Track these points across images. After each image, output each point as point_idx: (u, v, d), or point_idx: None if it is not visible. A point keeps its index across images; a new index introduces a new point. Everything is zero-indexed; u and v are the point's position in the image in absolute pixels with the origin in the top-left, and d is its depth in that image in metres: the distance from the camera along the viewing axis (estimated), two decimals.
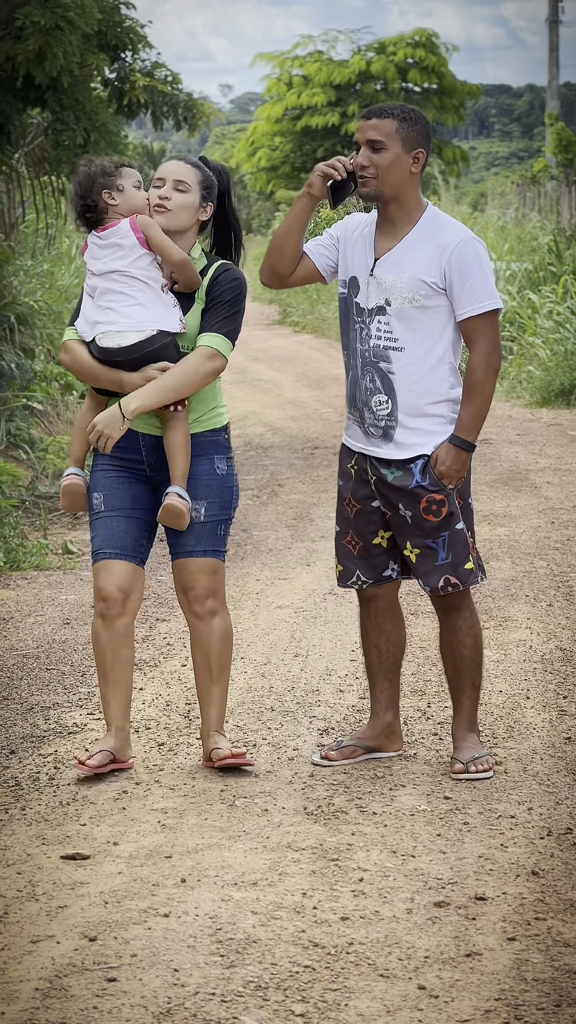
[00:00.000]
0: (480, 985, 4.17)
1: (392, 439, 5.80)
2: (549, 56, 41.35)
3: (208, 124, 15.45)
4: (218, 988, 4.12)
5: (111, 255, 5.74)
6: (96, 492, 5.88)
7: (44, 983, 4.16)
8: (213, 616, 5.89)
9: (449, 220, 5.84)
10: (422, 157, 5.76)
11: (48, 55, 12.01)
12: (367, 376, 5.83)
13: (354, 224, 5.94)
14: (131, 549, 5.86)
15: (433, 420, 5.78)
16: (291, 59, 37.58)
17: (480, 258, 5.74)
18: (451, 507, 5.80)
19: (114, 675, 5.88)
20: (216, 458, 5.87)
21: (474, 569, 5.87)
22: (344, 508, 6.01)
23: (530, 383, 18.34)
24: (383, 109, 5.77)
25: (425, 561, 5.84)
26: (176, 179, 5.77)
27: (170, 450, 5.77)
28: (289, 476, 13.23)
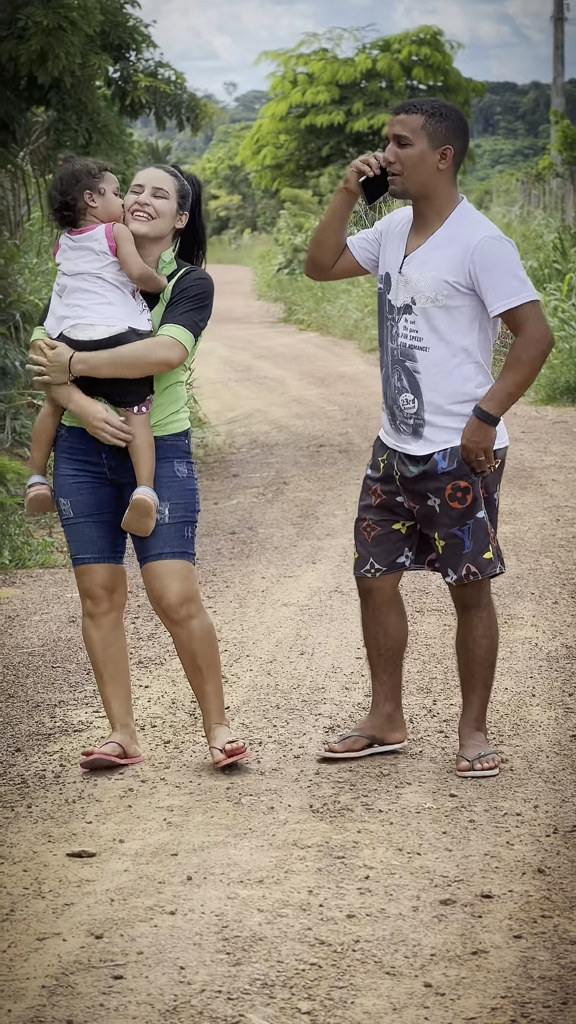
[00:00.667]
0: (486, 983, 4.17)
1: (422, 436, 5.81)
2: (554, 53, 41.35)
3: (211, 124, 15.47)
4: (224, 986, 4.12)
5: (83, 257, 5.75)
6: (63, 498, 5.89)
7: (51, 980, 4.17)
8: (190, 620, 5.85)
9: (477, 219, 5.78)
10: (450, 153, 5.71)
11: (50, 55, 12.02)
12: (396, 374, 5.84)
13: (397, 219, 5.93)
14: (108, 551, 5.91)
15: (460, 419, 5.77)
16: (296, 57, 37.60)
17: (503, 255, 5.69)
18: (475, 494, 5.80)
19: (109, 672, 5.92)
20: (176, 462, 5.85)
21: (493, 559, 5.87)
22: (368, 496, 6.00)
23: (535, 380, 18.32)
24: (412, 104, 5.75)
25: (452, 551, 5.84)
26: (155, 186, 5.78)
27: (134, 452, 5.74)
28: (294, 474, 13.23)
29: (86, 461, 5.86)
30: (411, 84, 36.33)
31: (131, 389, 5.75)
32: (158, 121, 14.80)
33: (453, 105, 5.84)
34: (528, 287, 5.70)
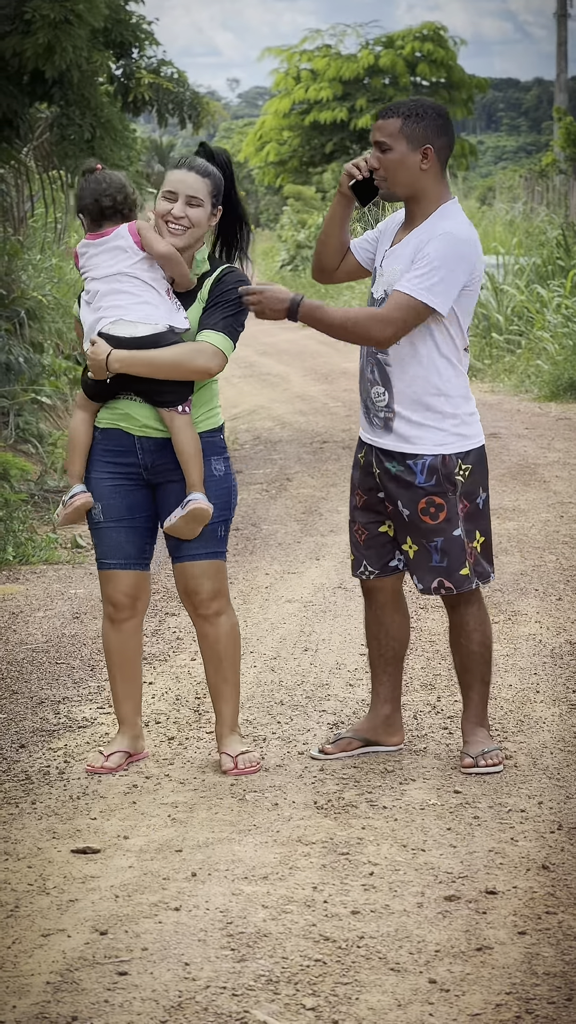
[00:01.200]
0: (491, 979, 4.17)
1: (392, 430, 5.80)
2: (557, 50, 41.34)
3: (213, 121, 15.47)
4: (229, 982, 4.12)
5: (113, 258, 5.70)
6: (95, 501, 5.84)
7: (55, 977, 4.17)
8: (219, 616, 5.88)
9: (453, 216, 5.75)
10: (431, 152, 5.69)
11: (57, 49, 12.01)
12: (369, 367, 5.85)
13: (396, 219, 5.94)
14: (135, 557, 5.86)
15: (428, 414, 5.76)
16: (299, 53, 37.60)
17: (448, 249, 5.62)
18: (450, 512, 5.79)
19: (124, 674, 5.91)
20: (213, 459, 5.81)
21: (470, 575, 5.85)
22: (353, 497, 6.03)
23: (539, 377, 18.32)
24: (390, 108, 5.74)
25: (421, 560, 5.85)
26: (189, 195, 5.65)
27: (182, 456, 5.70)
28: (298, 470, 13.22)
29: (122, 463, 5.79)
30: (415, 80, 36.33)
31: (170, 389, 5.69)
32: (160, 119, 14.80)
33: (432, 103, 5.81)
34: (436, 290, 5.60)
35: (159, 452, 5.75)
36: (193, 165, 5.70)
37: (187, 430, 5.70)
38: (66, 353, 15.53)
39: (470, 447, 5.82)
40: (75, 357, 15.24)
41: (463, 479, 5.81)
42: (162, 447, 5.74)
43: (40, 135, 14.33)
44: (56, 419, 14.07)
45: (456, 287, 5.65)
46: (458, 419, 5.79)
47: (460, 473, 5.80)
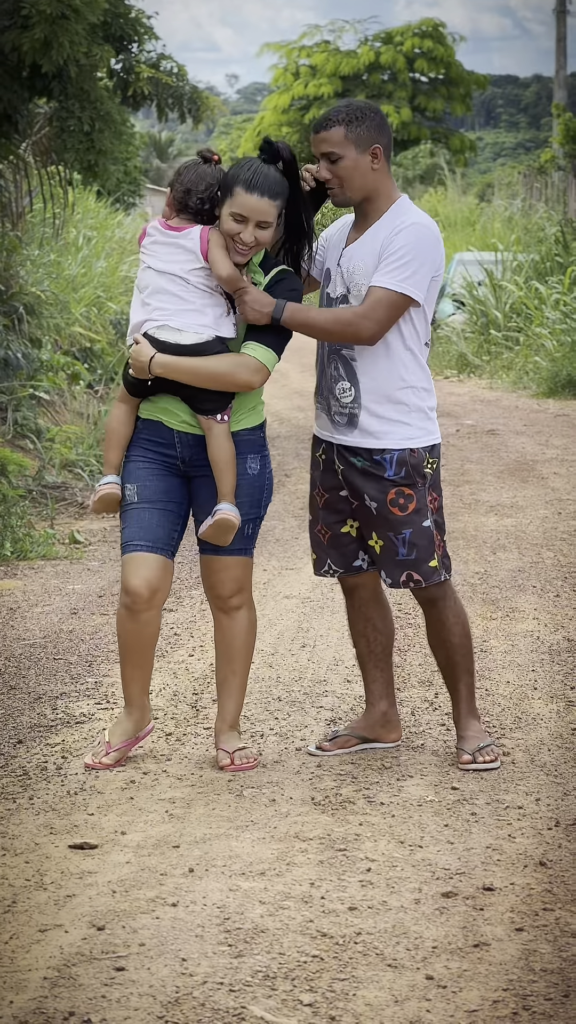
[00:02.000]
0: (488, 975, 4.17)
1: (357, 426, 5.80)
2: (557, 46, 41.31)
3: (212, 116, 15.47)
4: (226, 977, 4.12)
5: (173, 255, 5.65)
6: (129, 483, 5.79)
7: (53, 972, 4.17)
8: (239, 610, 5.88)
9: (412, 209, 5.76)
10: (379, 151, 5.71)
11: (54, 44, 11.99)
12: (332, 364, 5.84)
13: (339, 223, 5.98)
14: (163, 542, 5.78)
15: (397, 408, 5.77)
16: (298, 49, 37.59)
17: (418, 241, 5.64)
18: (419, 504, 5.80)
19: (136, 659, 5.86)
20: (249, 457, 5.79)
21: (438, 567, 5.86)
22: (315, 497, 6.03)
23: (537, 374, 18.33)
24: (327, 119, 5.72)
25: (386, 554, 5.85)
26: (260, 220, 5.56)
27: (216, 466, 5.69)
28: (296, 466, 13.23)
29: (160, 452, 5.77)
30: (413, 77, 36.32)
31: (210, 397, 5.66)
32: (159, 113, 14.80)
33: (366, 103, 5.81)
34: (411, 281, 5.62)
35: (197, 447, 5.75)
36: (266, 189, 5.57)
37: (223, 440, 5.68)
38: (64, 348, 15.53)
39: (434, 442, 5.84)
40: (73, 353, 15.23)
41: (431, 472, 5.83)
42: (200, 442, 5.74)
43: (39, 130, 14.31)
44: (54, 415, 14.07)
45: (428, 276, 5.67)
46: (423, 413, 5.80)
47: (428, 466, 5.81)
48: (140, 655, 5.85)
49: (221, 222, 5.61)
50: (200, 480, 5.78)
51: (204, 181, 5.67)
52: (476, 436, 14.85)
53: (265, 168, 5.60)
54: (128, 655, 5.86)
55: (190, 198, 5.68)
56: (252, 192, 5.55)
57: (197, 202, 5.67)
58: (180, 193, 5.70)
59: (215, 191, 5.64)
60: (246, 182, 5.56)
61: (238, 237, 5.58)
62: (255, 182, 5.56)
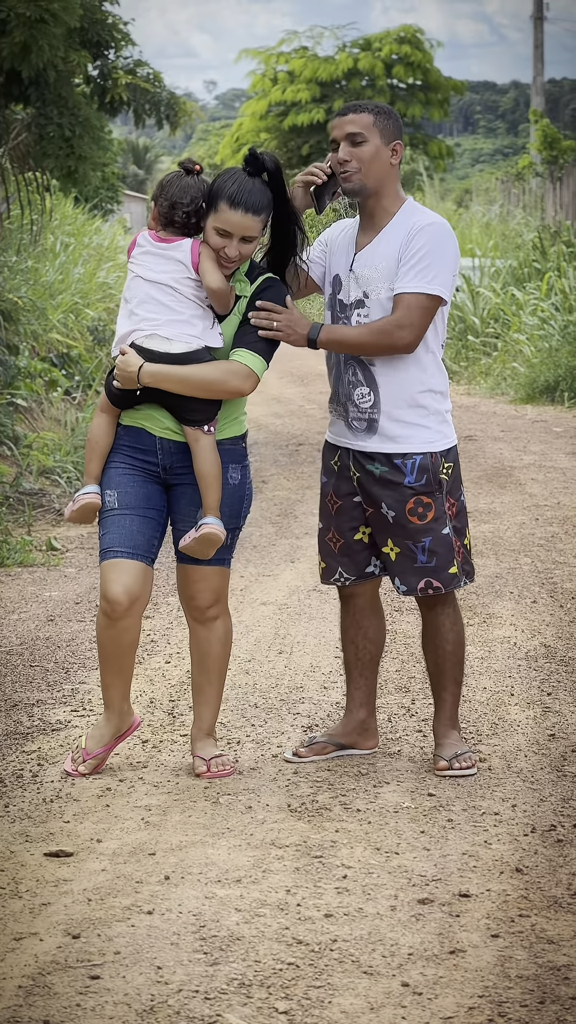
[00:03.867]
0: (464, 982, 4.17)
1: (377, 431, 5.79)
2: (534, 53, 41.36)
3: (190, 122, 15.47)
4: (202, 985, 4.12)
5: (166, 265, 5.63)
6: (109, 490, 5.76)
7: (27, 981, 4.16)
8: (215, 621, 5.86)
9: (425, 211, 5.80)
10: (400, 149, 5.76)
11: (33, 48, 11.99)
12: (349, 370, 5.83)
13: (340, 228, 5.97)
14: (143, 548, 5.76)
15: (417, 411, 5.77)
16: (276, 55, 37.58)
17: (438, 240, 5.68)
18: (438, 512, 5.79)
19: (117, 666, 5.82)
20: (231, 467, 5.77)
21: (458, 574, 5.86)
22: (326, 504, 6.01)
23: (514, 380, 18.35)
24: (357, 105, 5.78)
25: (403, 561, 5.84)
26: (244, 235, 5.58)
27: (202, 479, 5.67)
28: (274, 472, 13.23)
29: (141, 459, 5.75)
30: (392, 83, 36.36)
31: (197, 407, 5.64)
32: (137, 119, 14.80)
33: (391, 107, 5.87)
34: (437, 281, 5.66)
35: (179, 455, 5.73)
36: (249, 205, 5.56)
37: (209, 452, 5.66)
38: (42, 355, 15.50)
39: (451, 445, 5.85)
40: (51, 359, 15.21)
41: (447, 477, 5.83)
42: (182, 450, 5.72)
43: (16, 136, 14.30)
44: (32, 421, 14.04)
45: (451, 275, 5.72)
46: (440, 416, 5.81)
47: (444, 471, 5.81)
48: (119, 661, 5.83)
49: (206, 234, 5.62)
50: (180, 489, 5.77)
51: (188, 194, 5.66)
52: None
53: (249, 183, 5.59)
54: (107, 662, 5.84)
55: (176, 212, 5.67)
56: (236, 209, 5.56)
57: (183, 216, 5.66)
58: (165, 208, 5.69)
59: (200, 203, 5.64)
60: (230, 198, 5.56)
61: (223, 252, 5.59)
62: (239, 199, 5.56)
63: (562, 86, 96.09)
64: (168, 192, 5.69)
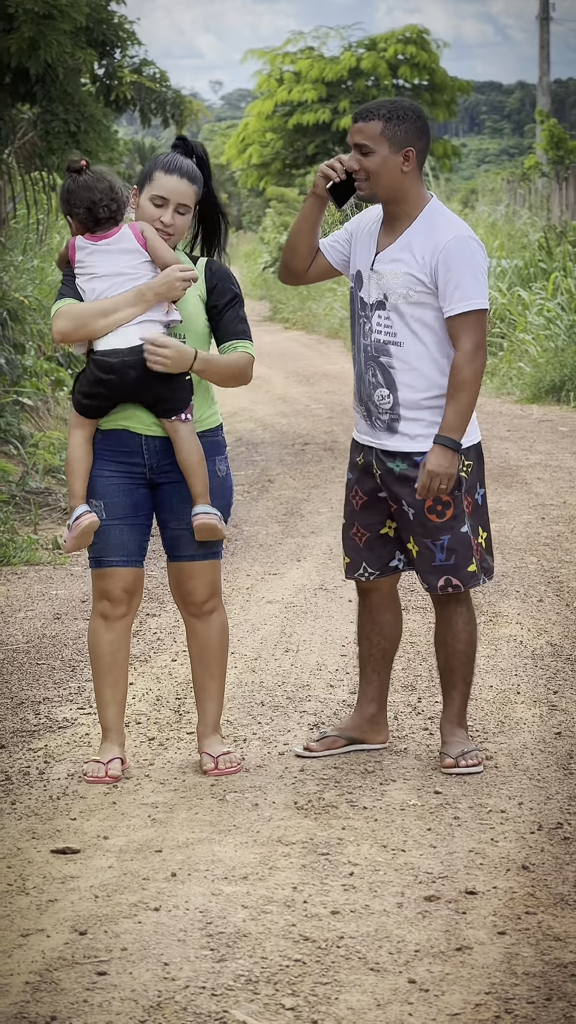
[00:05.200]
0: (470, 979, 4.17)
1: (397, 431, 5.81)
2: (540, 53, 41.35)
3: (196, 121, 15.47)
4: (208, 982, 4.12)
5: (117, 259, 5.62)
6: (95, 499, 5.74)
7: (34, 977, 4.16)
8: (211, 614, 5.87)
9: (447, 217, 5.78)
10: (412, 155, 5.71)
11: (41, 43, 12.01)
12: (370, 370, 5.84)
13: (367, 219, 5.94)
14: (135, 554, 5.79)
15: (435, 412, 5.78)
16: (282, 55, 37.58)
17: (469, 256, 5.72)
18: (456, 510, 5.79)
19: (113, 677, 5.82)
20: (217, 459, 5.79)
21: (477, 572, 5.86)
22: (351, 500, 6.02)
23: (520, 379, 18.34)
24: (368, 110, 5.74)
25: (423, 560, 5.85)
26: (179, 202, 5.62)
27: (187, 468, 5.67)
28: (280, 472, 13.23)
29: (125, 463, 5.73)
30: (397, 83, 36.35)
31: (173, 397, 5.64)
32: (143, 118, 14.80)
33: (412, 104, 5.83)
34: (483, 295, 5.72)
35: (165, 451, 5.73)
36: (184, 171, 5.65)
37: (190, 441, 5.67)
38: (48, 354, 15.51)
39: (471, 443, 5.84)
40: (57, 358, 15.23)
41: (466, 476, 5.83)
42: (168, 447, 5.72)
43: (22, 136, 14.31)
44: (38, 420, 14.05)
45: (485, 280, 5.77)
46: None
47: (464, 469, 5.81)
48: (118, 671, 5.81)
49: (140, 211, 5.67)
50: (169, 487, 5.77)
51: (96, 188, 5.65)
52: None
53: (181, 157, 5.72)
54: (105, 672, 5.81)
55: (97, 209, 5.64)
56: (171, 174, 5.65)
57: (105, 210, 5.64)
58: (84, 214, 5.67)
59: (111, 190, 5.64)
60: (165, 165, 5.66)
61: (159, 221, 5.64)
62: (173, 165, 5.66)
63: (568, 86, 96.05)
64: (76, 198, 5.67)
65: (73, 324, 5.65)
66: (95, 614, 5.82)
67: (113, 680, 5.81)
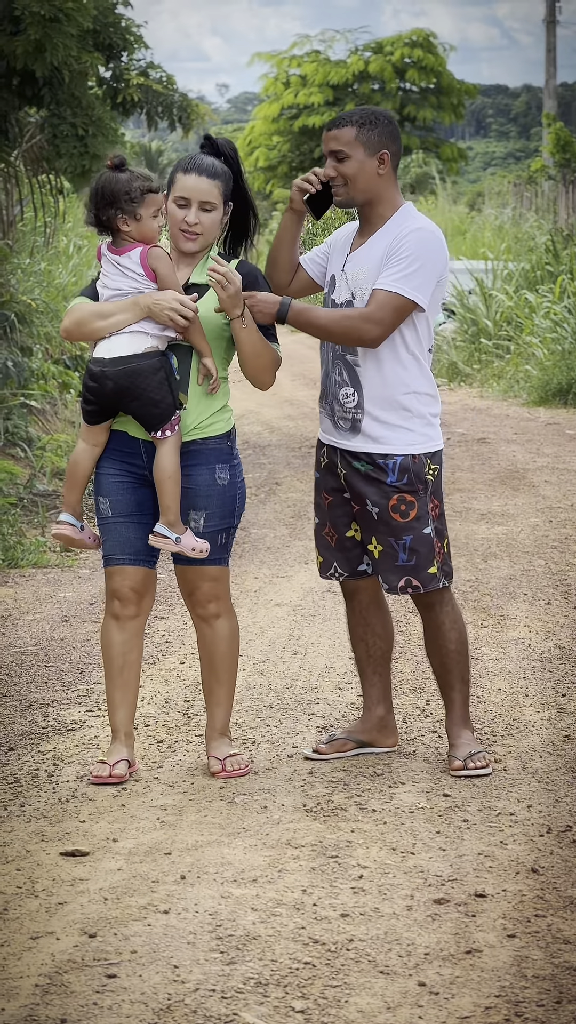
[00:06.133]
0: (480, 982, 4.16)
1: (360, 431, 5.80)
2: (546, 56, 41.35)
3: (203, 125, 15.49)
4: (218, 984, 4.12)
5: (123, 278, 5.62)
6: (102, 497, 5.77)
7: (44, 979, 4.16)
8: (217, 618, 5.86)
9: (417, 217, 5.81)
10: (387, 157, 5.76)
11: (48, 46, 12.03)
12: (336, 369, 5.86)
13: (345, 230, 6.01)
14: (144, 553, 5.79)
15: (400, 413, 5.78)
16: (288, 59, 37.61)
17: (425, 247, 5.69)
18: (420, 511, 5.80)
19: (123, 679, 5.82)
20: (218, 467, 5.75)
21: (437, 574, 5.85)
22: (320, 499, 6.03)
23: (527, 382, 18.34)
24: (341, 118, 5.80)
25: (385, 559, 5.84)
26: (202, 200, 5.61)
27: (157, 484, 5.65)
28: (287, 475, 13.23)
29: (128, 463, 5.74)
30: (403, 86, 36.37)
31: (148, 414, 5.61)
32: (149, 121, 14.82)
33: (383, 110, 5.88)
34: (411, 284, 5.65)
35: None
36: (203, 168, 5.64)
37: (167, 456, 5.63)
38: (55, 357, 15.53)
39: (436, 448, 5.85)
40: (64, 361, 15.24)
41: (432, 479, 5.84)
42: None
43: (30, 139, 14.33)
44: (45, 423, 14.07)
45: (434, 281, 5.71)
46: (424, 419, 5.81)
47: (430, 472, 5.82)
48: (129, 672, 5.81)
49: (168, 215, 5.66)
50: None
51: (108, 186, 5.61)
52: (467, 444, 14.86)
53: (203, 155, 5.72)
54: (115, 674, 5.81)
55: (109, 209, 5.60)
56: (190, 172, 5.65)
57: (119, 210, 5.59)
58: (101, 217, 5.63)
59: (129, 190, 5.59)
60: (183, 166, 5.68)
61: (184, 221, 5.63)
62: (191, 164, 5.66)
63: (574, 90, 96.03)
64: (91, 205, 5.66)
65: (75, 323, 5.69)
66: (107, 614, 5.84)
67: (123, 682, 5.81)
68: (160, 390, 5.59)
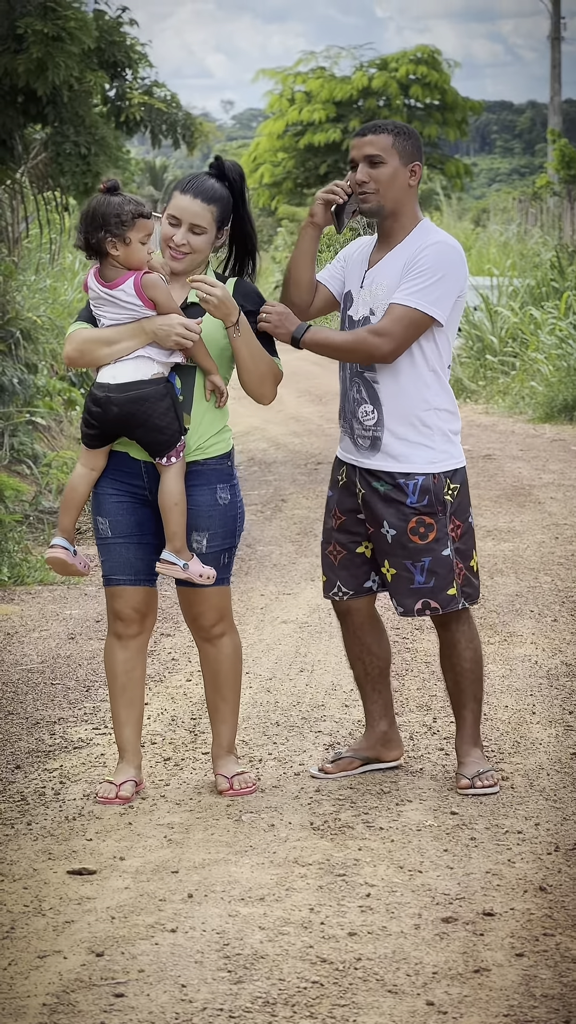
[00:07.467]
0: (488, 1001, 4.15)
1: (380, 449, 5.78)
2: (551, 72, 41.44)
3: (207, 142, 15.52)
4: (226, 1004, 4.11)
5: (118, 309, 5.59)
6: (101, 517, 5.77)
7: (51, 998, 4.15)
8: (220, 638, 5.85)
9: (437, 230, 5.81)
10: (419, 170, 5.77)
11: (50, 65, 12.06)
12: (354, 387, 5.84)
13: (357, 245, 5.98)
14: (144, 573, 5.79)
15: (420, 430, 5.76)
16: (293, 75, 37.66)
17: (441, 260, 5.67)
18: (440, 532, 5.78)
19: (128, 697, 5.82)
20: (219, 487, 5.74)
21: (456, 596, 5.83)
22: (330, 519, 6.02)
23: (533, 399, 18.34)
24: (377, 125, 5.78)
25: (400, 583, 5.82)
26: (192, 223, 5.60)
27: (163, 511, 5.64)
28: (292, 491, 13.22)
29: (128, 484, 5.73)
30: (408, 103, 36.42)
31: (153, 440, 5.59)
32: (153, 139, 14.85)
33: (410, 126, 5.88)
34: (429, 299, 5.63)
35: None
36: (199, 190, 5.63)
37: (172, 482, 5.62)
38: (60, 374, 15.54)
39: (457, 466, 5.83)
40: (69, 378, 15.25)
41: (451, 499, 5.81)
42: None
43: (35, 156, 14.36)
44: (51, 440, 14.07)
45: (453, 296, 5.69)
46: (445, 436, 5.79)
47: (449, 492, 5.80)
48: (133, 690, 5.81)
49: (162, 231, 5.66)
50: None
51: (99, 209, 5.56)
52: (472, 461, 14.85)
53: (204, 177, 5.69)
54: (119, 692, 5.81)
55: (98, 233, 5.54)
56: (186, 193, 5.64)
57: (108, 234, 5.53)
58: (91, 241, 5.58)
59: (119, 213, 5.55)
60: (181, 185, 5.67)
61: (172, 240, 5.63)
62: (188, 186, 5.65)
63: None
64: (81, 228, 5.61)
65: (79, 351, 5.68)
66: (109, 633, 5.84)
67: (128, 700, 5.81)
68: (166, 416, 5.59)
